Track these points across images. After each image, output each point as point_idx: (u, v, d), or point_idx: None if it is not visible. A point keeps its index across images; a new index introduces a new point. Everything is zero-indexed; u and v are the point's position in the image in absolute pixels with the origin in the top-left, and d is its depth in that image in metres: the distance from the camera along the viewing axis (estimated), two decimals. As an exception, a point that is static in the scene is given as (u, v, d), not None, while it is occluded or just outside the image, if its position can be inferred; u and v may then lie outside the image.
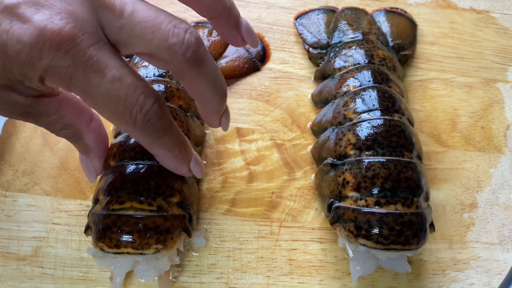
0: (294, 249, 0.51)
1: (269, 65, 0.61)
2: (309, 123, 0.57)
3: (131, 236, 0.41)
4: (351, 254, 0.45)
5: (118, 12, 0.34)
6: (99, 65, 0.33)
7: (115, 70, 0.33)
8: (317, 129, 0.54)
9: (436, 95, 0.60)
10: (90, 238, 0.45)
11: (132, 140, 0.46)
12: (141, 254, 0.42)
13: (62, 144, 0.55)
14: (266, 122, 0.57)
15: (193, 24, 0.61)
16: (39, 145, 0.55)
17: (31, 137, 0.55)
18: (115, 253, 0.42)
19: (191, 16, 0.63)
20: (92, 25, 0.33)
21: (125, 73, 0.34)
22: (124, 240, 0.41)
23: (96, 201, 0.44)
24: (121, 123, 0.36)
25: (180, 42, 0.35)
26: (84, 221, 0.51)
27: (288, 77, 0.60)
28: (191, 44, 0.35)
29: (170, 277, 0.48)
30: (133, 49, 0.35)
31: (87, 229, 0.44)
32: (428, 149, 0.56)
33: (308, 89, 0.59)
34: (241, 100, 0.59)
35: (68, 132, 0.41)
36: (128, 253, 0.42)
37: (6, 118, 0.54)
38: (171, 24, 0.35)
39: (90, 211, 0.45)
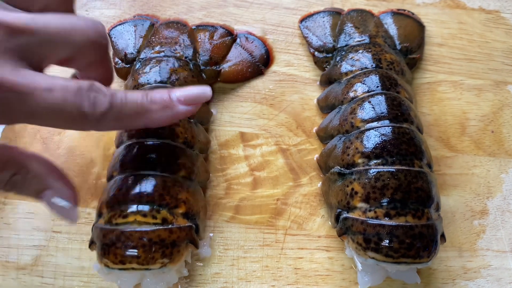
0: (300, 258, 0.50)
1: (273, 67, 0.60)
2: (315, 128, 0.55)
3: (136, 251, 0.40)
4: (359, 266, 0.44)
5: (28, 32, 0.34)
6: (23, 87, 0.33)
7: (43, 82, 0.34)
8: (323, 135, 0.53)
9: (445, 98, 0.59)
10: (90, 248, 0.44)
11: (135, 150, 0.45)
12: (146, 269, 0.41)
13: (62, 150, 0.54)
14: (271, 127, 0.56)
15: (194, 27, 0.60)
16: (39, 151, 0.54)
17: (31, 142, 0.54)
18: (120, 269, 0.41)
19: (193, 17, 0.62)
20: None
21: (53, 81, 0.34)
22: (128, 256, 0.40)
23: (99, 214, 0.44)
24: (78, 125, 0.36)
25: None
26: (85, 228, 0.50)
27: (293, 80, 0.59)
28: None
29: None
30: (55, 56, 0.37)
31: (92, 243, 0.43)
32: (437, 154, 0.55)
33: (314, 92, 0.58)
34: (245, 103, 0.58)
35: (16, 178, 0.38)
36: (133, 268, 0.41)
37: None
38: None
39: (93, 224, 0.44)
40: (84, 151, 0.54)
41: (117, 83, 0.58)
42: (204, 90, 0.42)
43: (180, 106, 0.40)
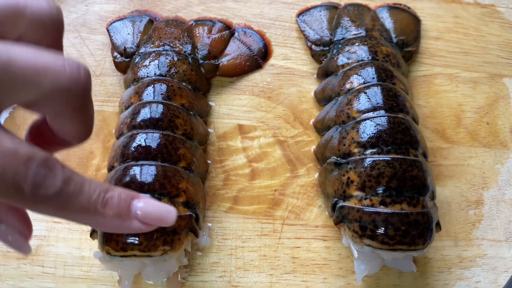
0: (297, 247, 0.50)
1: (271, 61, 0.60)
2: (312, 120, 0.56)
3: (137, 239, 0.41)
4: (355, 254, 0.45)
5: None
6: None
7: None
8: (320, 127, 0.54)
9: (441, 90, 0.59)
10: (91, 237, 0.44)
11: (135, 141, 0.46)
12: (148, 256, 0.41)
13: (63, 142, 0.54)
14: (269, 119, 0.57)
15: (192, 22, 0.60)
16: (39, 143, 0.54)
17: (31, 135, 0.55)
18: (121, 256, 0.41)
19: (192, 12, 0.62)
20: None
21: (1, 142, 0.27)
22: (130, 243, 0.41)
23: None
24: (8, 197, 0.28)
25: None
26: (85, 219, 0.50)
27: (291, 73, 0.60)
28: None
29: (179, 278, 0.47)
30: (16, 98, 0.29)
31: (93, 232, 0.44)
32: (433, 145, 0.56)
33: (311, 85, 0.59)
34: (243, 96, 0.58)
35: None
36: (135, 255, 0.41)
37: (6, 116, 0.53)
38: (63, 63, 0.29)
39: None
40: (83, 143, 0.54)
41: (116, 77, 0.58)
42: (169, 212, 0.33)
43: (135, 222, 0.32)
